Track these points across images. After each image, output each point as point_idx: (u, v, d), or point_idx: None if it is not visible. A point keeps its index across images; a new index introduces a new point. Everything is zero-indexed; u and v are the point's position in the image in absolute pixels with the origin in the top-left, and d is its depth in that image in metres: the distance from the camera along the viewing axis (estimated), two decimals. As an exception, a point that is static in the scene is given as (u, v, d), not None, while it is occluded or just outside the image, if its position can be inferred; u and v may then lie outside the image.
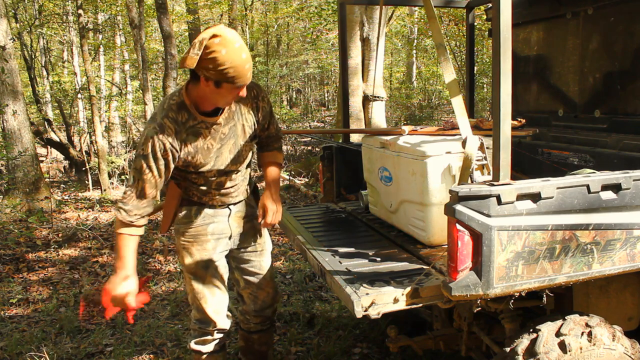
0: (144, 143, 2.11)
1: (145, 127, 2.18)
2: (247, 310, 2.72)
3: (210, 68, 1.98)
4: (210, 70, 1.98)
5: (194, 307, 2.51)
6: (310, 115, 18.28)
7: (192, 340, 2.55)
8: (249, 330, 2.77)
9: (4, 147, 7.46)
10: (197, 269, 2.43)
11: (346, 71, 3.69)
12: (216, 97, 2.10)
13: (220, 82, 2.02)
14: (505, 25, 1.72)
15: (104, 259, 5.47)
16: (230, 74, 1.99)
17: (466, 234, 1.76)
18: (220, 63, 1.96)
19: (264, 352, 2.82)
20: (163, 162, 2.13)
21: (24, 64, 12.50)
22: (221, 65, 1.97)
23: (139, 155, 2.13)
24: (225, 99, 2.12)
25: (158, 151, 2.10)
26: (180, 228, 2.41)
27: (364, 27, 7.93)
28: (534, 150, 3.33)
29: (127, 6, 8.97)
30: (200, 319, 2.51)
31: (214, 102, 2.14)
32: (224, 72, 1.98)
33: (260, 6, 18.13)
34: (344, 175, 3.49)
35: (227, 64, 1.97)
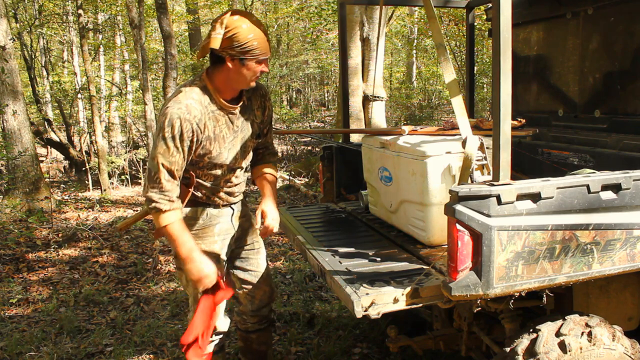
0: (169, 124, 2.08)
1: (166, 109, 2.12)
2: (244, 311, 2.71)
3: (235, 45, 2.06)
4: (235, 48, 2.07)
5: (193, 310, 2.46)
6: (310, 115, 18.28)
7: None
8: (246, 330, 2.76)
9: (4, 147, 7.46)
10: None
11: (346, 71, 3.69)
12: (240, 76, 2.15)
13: (245, 59, 2.10)
14: (505, 25, 1.72)
15: (104, 259, 5.47)
16: (254, 47, 2.08)
17: (466, 234, 1.76)
18: (243, 37, 2.05)
19: (263, 351, 2.81)
20: (188, 143, 2.12)
21: (24, 64, 12.50)
22: (245, 39, 2.06)
23: (163, 138, 2.08)
24: (250, 76, 2.16)
25: (185, 132, 2.09)
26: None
27: (364, 27, 7.93)
28: (534, 150, 3.33)
29: (127, 6, 8.97)
30: None
31: (238, 83, 2.19)
32: (248, 45, 2.07)
33: (260, 6, 18.14)
34: (344, 175, 3.49)
35: (250, 36, 2.06)
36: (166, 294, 4.50)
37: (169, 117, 2.09)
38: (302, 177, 9.24)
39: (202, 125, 2.15)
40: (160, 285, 4.73)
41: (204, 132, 2.17)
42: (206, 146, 2.20)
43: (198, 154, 2.20)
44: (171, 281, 4.81)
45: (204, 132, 2.17)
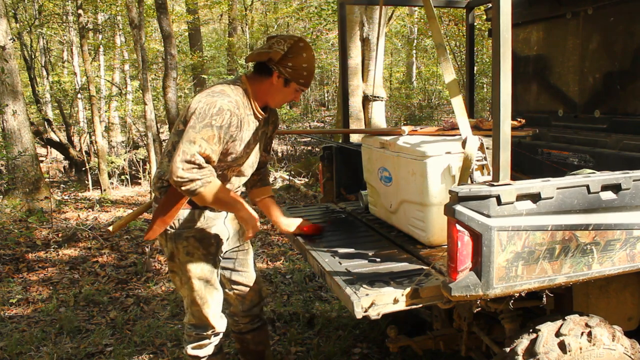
0: (219, 114, 2.10)
1: (212, 99, 2.13)
2: (236, 312, 2.71)
3: (290, 66, 2.21)
4: (288, 68, 2.22)
5: (191, 312, 2.45)
6: (310, 115, 18.28)
7: (189, 345, 2.51)
8: (240, 332, 2.76)
9: (4, 147, 7.46)
10: (203, 273, 2.39)
11: (346, 71, 3.69)
12: (279, 94, 2.29)
13: (290, 81, 2.25)
14: (505, 25, 1.71)
15: (104, 259, 5.47)
16: (303, 76, 2.25)
17: (466, 234, 1.75)
18: (300, 64, 2.22)
19: (261, 351, 2.81)
20: (228, 138, 2.16)
21: (24, 64, 12.50)
22: (300, 67, 2.22)
23: (210, 125, 2.08)
24: (284, 98, 2.31)
25: (231, 125, 2.14)
26: (183, 233, 2.33)
27: (364, 27, 7.92)
28: (534, 150, 3.33)
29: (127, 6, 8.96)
30: (197, 325, 2.47)
31: (273, 99, 2.32)
32: (299, 72, 2.23)
33: (260, 6, 18.14)
34: (344, 175, 3.49)
35: (305, 66, 2.24)
36: (166, 294, 4.50)
37: (218, 106, 2.11)
38: (302, 177, 9.24)
39: (242, 124, 2.23)
40: (160, 285, 4.73)
41: (242, 131, 2.24)
42: (235, 147, 2.25)
43: (227, 151, 2.24)
44: (171, 281, 4.81)
45: (242, 131, 2.24)
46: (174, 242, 2.35)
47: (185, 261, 2.36)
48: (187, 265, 2.37)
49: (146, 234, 2.37)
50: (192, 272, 2.37)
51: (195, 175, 2.08)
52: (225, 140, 2.16)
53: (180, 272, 2.40)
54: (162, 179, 2.33)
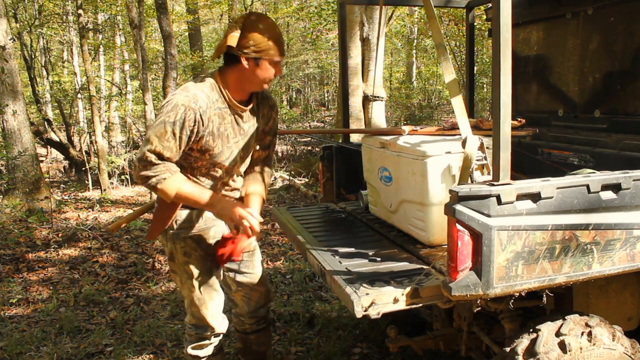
0: (172, 109, 2.08)
1: (172, 95, 2.14)
2: (241, 313, 2.68)
3: (250, 45, 2.10)
4: (251, 47, 2.10)
5: (190, 312, 2.45)
6: (310, 115, 18.28)
7: (189, 345, 2.50)
8: (244, 332, 2.74)
9: (4, 147, 7.46)
10: (200, 274, 2.38)
11: (346, 71, 3.69)
12: (254, 77, 2.17)
13: (260, 59, 2.13)
14: (505, 25, 1.71)
15: (104, 259, 5.47)
16: (270, 47, 2.12)
17: (466, 234, 1.76)
18: (259, 37, 2.10)
19: (263, 352, 2.80)
20: (187, 133, 2.10)
21: (24, 64, 12.51)
22: (260, 40, 2.10)
23: (163, 122, 2.07)
24: (264, 77, 2.19)
25: (187, 120, 2.08)
26: (180, 233, 2.32)
27: (364, 27, 7.93)
28: (534, 150, 3.33)
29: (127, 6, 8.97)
30: (197, 325, 2.46)
31: (251, 84, 2.21)
32: (262, 45, 2.11)
33: (260, 6, 18.13)
34: (344, 175, 3.49)
35: (266, 36, 2.11)
36: (166, 294, 4.50)
37: (173, 103, 2.09)
38: (302, 177, 9.24)
39: (205, 118, 2.14)
40: (160, 285, 4.73)
41: (207, 126, 2.16)
42: (209, 142, 2.19)
43: (199, 148, 2.19)
44: (171, 281, 4.81)
45: (207, 125, 2.16)
46: (173, 242, 2.34)
47: (183, 262, 2.36)
48: (185, 266, 2.36)
49: (148, 234, 2.38)
50: (190, 273, 2.37)
51: (149, 172, 2.09)
52: (182, 136, 2.09)
53: (180, 272, 2.39)
54: None
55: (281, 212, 3.26)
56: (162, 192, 2.14)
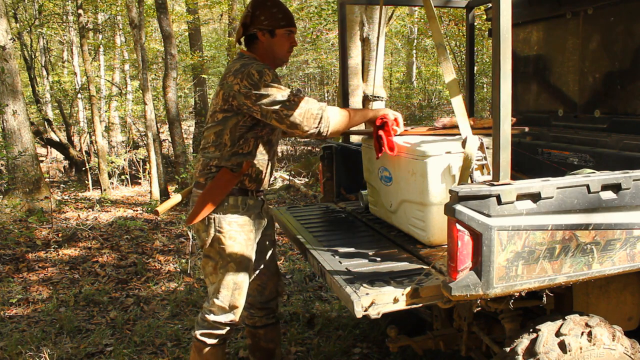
0: (263, 74, 2.24)
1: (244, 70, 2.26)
2: (253, 303, 2.75)
3: (263, 19, 2.35)
4: (264, 21, 2.36)
5: (218, 298, 2.44)
6: (310, 115, 18.23)
7: (199, 330, 2.52)
8: (254, 326, 2.79)
9: (4, 147, 7.46)
10: (243, 258, 2.44)
11: (346, 71, 3.68)
12: (275, 48, 2.42)
13: (274, 30, 2.38)
14: (505, 25, 1.71)
15: (104, 259, 5.47)
16: (280, 18, 2.37)
17: (466, 234, 1.75)
18: (270, 11, 2.36)
19: (271, 349, 2.83)
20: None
21: (24, 64, 12.51)
22: (271, 13, 2.35)
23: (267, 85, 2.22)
24: (282, 48, 2.43)
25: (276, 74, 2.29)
26: (226, 218, 2.40)
27: (364, 27, 7.92)
28: (534, 150, 3.33)
29: (127, 6, 8.96)
30: (225, 310, 2.46)
31: (274, 54, 2.44)
32: (274, 18, 2.36)
33: (260, 6, 18.10)
34: (344, 175, 3.49)
35: (275, 10, 2.36)
36: (166, 294, 4.50)
37: (258, 71, 2.25)
38: (302, 177, 9.24)
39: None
40: (160, 285, 4.73)
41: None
42: None
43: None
44: (171, 281, 4.81)
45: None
46: (217, 226, 2.40)
47: (227, 246, 2.41)
48: (228, 250, 2.41)
49: (189, 218, 2.43)
50: (233, 257, 2.42)
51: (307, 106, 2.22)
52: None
53: (218, 256, 2.43)
54: (210, 164, 2.43)
55: (281, 212, 3.26)
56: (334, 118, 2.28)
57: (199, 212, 2.39)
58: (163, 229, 6.63)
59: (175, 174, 8.60)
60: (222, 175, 2.39)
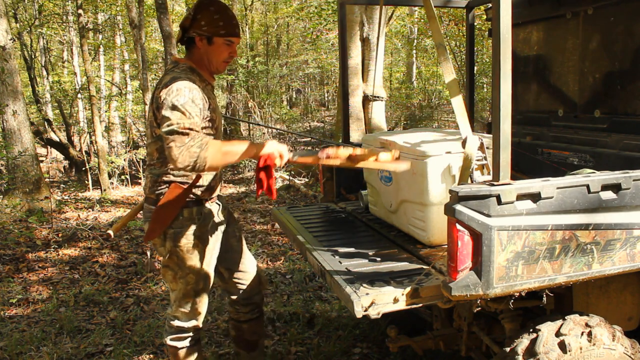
0: (178, 94, 2.10)
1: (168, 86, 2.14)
2: (237, 300, 2.77)
3: (202, 24, 2.25)
4: (203, 27, 2.25)
5: (180, 305, 2.48)
6: (310, 115, 18.27)
7: (169, 336, 2.56)
8: (238, 320, 2.83)
9: (4, 147, 7.46)
10: (203, 268, 2.44)
11: (346, 71, 3.69)
12: (211, 55, 2.32)
13: (212, 37, 2.28)
14: (505, 25, 1.72)
15: (104, 259, 5.47)
16: (221, 26, 2.26)
17: (466, 234, 1.76)
18: (211, 17, 2.24)
19: (255, 341, 2.88)
20: (199, 110, 2.15)
21: (24, 64, 12.50)
22: (212, 20, 2.24)
23: (174, 107, 2.07)
24: (219, 56, 2.32)
25: (196, 98, 2.14)
26: (182, 231, 2.37)
27: (364, 27, 7.92)
28: (534, 150, 3.33)
29: (127, 6, 8.97)
30: (185, 317, 2.50)
31: (210, 63, 2.34)
32: (214, 24, 2.25)
33: (260, 6, 18.14)
34: (344, 175, 3.49)
35: (216, 16, 2.25)
36: (166, 293, 4.50)
37: (175, 89, 2.12)
38: (302, 177, 9.24)
39: (205, 96, 2.25)
40: (160, 285, 4.73)
41: (209, 102, 2.27)
42: (213, 117, 2.29)
43: (208, 125, 2.26)
44: (171, 281, 4.81)
45: (209, 102, 2.27)
46: (174, 240, 2.37)
47: (186, 258, 2.40)
48: (187, 263, 2.40)
49: (147, 235, 2.39)
50: (191, 268, 2.42)
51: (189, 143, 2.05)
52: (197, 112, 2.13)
53: (177, 267, 2.43)
54: (158, 181, 2.36)
55: (281, 212, 3.27)
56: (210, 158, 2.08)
57: (155, 229, 2.35)
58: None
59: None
60: (173, 190, 2.32)
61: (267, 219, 6.92)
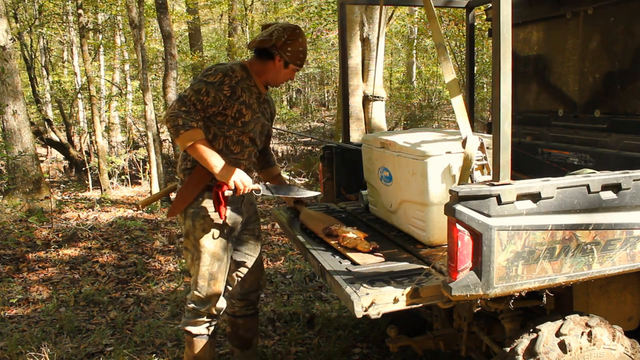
0: (213, 74, 2.42)
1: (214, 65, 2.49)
2: (233, 294, 2.87)
3: (289, 51, 2.54)
4: (288, 53, 2.54)
5: (197, 288, 2.58)
6: (310, 115, 18.27)
7: (186, 321, 2.66)
8: (234, 315, 2.92)
9: (4, 147, 7.46)
10: (217, 250, 2.55)
11: (346, 71, 3.69)
12: (280, 74, 2.60)
13: (289, 64, 2.57)
14: (505, 25, 1.72)
15: (104, 259, 5.47)
16: (300, 58, 2.57)
17: (466, 234, 1.76)
18: (297, 48, 2.55)
19: (249, 338, 2.95)
20: (221, 95, 2.41)
21: (24, 64, 12.50)
22: (297, 51, 2.55)
23: (202, 81, 2.40)
24: (284, 77, 2.63)
25: (224, 84, 2.41)
26: (201, 211, 2.52)
27: (364, 27, 7.92)
28: (534, 150, 3.33)
29: (127, 6, 8.96)
30: (200, 300, 2.60)
31: (273, 79, 2.62)
32: (297, 56, 2.56)
33: (260, 6, 18.14)
34: (344, 175, 3.49)
35: (301, 50, 2.57)
36: (166, 294, 4.50)
37: (214, 69, 2.45)
38: (302, 177, 9.24)
39: (239, 88, 2.47)
40: (160, 285, 4.73)
41: (241, 96, 2.49)
42: (242, 110, 2.50)
43: (234, 115, 2.48)
44: (171, 281, 4.81)
45: (241, 95, 2.48)
46: (192, 219, 2.53)
47: (201, 237, 2.53)
48: (201, 241, 2.53)
49: (170, 211, 2.59)
50: (206, 248, 2.55)
51: (181, 114, 2.33)
52: (217, 96, 2.40)
53: (194, 248, 2.56)
54: (187, 160, 2.56)
55: (281, 212, 3.27)
56: (182, 138, 2.34)
57: (177, 206, 2.55)
58: (163, 229, 6.63)
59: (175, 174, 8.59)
60: (197, 172, 2.51)
61: (267, 219, 6.92)
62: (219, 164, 2.38)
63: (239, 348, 2.97)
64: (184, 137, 2.33)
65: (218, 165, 2.38)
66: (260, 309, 3.98)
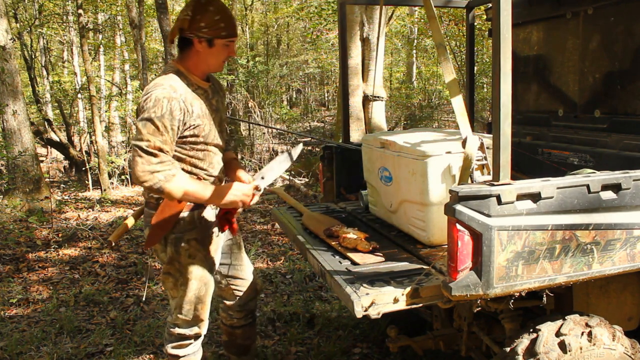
0: (155, 105, 2.05)
1: (148, 94, 2.09)
2: (231, 306, 2.71)
3: (203, 26, 2.13)
4: (203, 29, 2.14)
5: (182, 313, 2.42)
6: (310, 115, 18.27)
7: (169, 344, 2.50)
8: (232, 326, 2.77)
9: (4, 147, 7.46)
10: (204, 274, 2.39)
11: (346, 71, 3.69)
12: (211, 57, 2.22)
13: (213, 40, 2.17)
14: (505, 25, 1.72)
15: (104, 259, 5.47)
16: (222, 28, 2.16)
17: (466, 234, 1.76)
18: (212, 19, 2.13)
19: (247, 345, 2.83)
20: (177, 123, 2.09)
21: (24, 64, 12.50)
22: (213, 21, 2.13)
23: (150, 119, 2.04)
24: (218, 57, 2.23)
25: (173, 111, 2.08)
26: (184, 235, 2.32)
27: (364, 27, 7.92)
28: (534, 150, 3.33)
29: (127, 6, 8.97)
30: (186, 324, 2.45)
31: (208, 65, 2.25)
32: (215, 26, 2.14)
33: (260, 6, 18.14)
34: (344, 175, 3.49)
35: (218, 18, 2.14)
36: (166, 294, 4.50)
37: (154, 99, 2.06)
38: (302, 177, 9.24)
39: (188, 104, 2.15)
40: (160, 285, 4.73)
41: (193, 111, 2.17)
42: (197, 124, 2.20)
43: (193, 134, 2.20)
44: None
45: (193, 110, 2.17)
46: (175, 246, 2.32)
47: (187, 263, 2.34)
48: (188, 267, 2.35)
49: (147, 241, 2.33)
50: (194, 274, 2.36)
51: (155, 167, 2.03)
52: (173, 127, 2.09)
53: (178, 273, 2.36)
54: None
55: (281, 212, 3.26)
56: (169, 191, 2.07)
57: (156, 234, 2.30)
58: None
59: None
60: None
61: (267, 219, 6.92)
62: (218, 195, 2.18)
63: (236, 355, 2.84)
64: (172, 191, 2.07)
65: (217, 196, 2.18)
66: (260, 309, 3.98)
